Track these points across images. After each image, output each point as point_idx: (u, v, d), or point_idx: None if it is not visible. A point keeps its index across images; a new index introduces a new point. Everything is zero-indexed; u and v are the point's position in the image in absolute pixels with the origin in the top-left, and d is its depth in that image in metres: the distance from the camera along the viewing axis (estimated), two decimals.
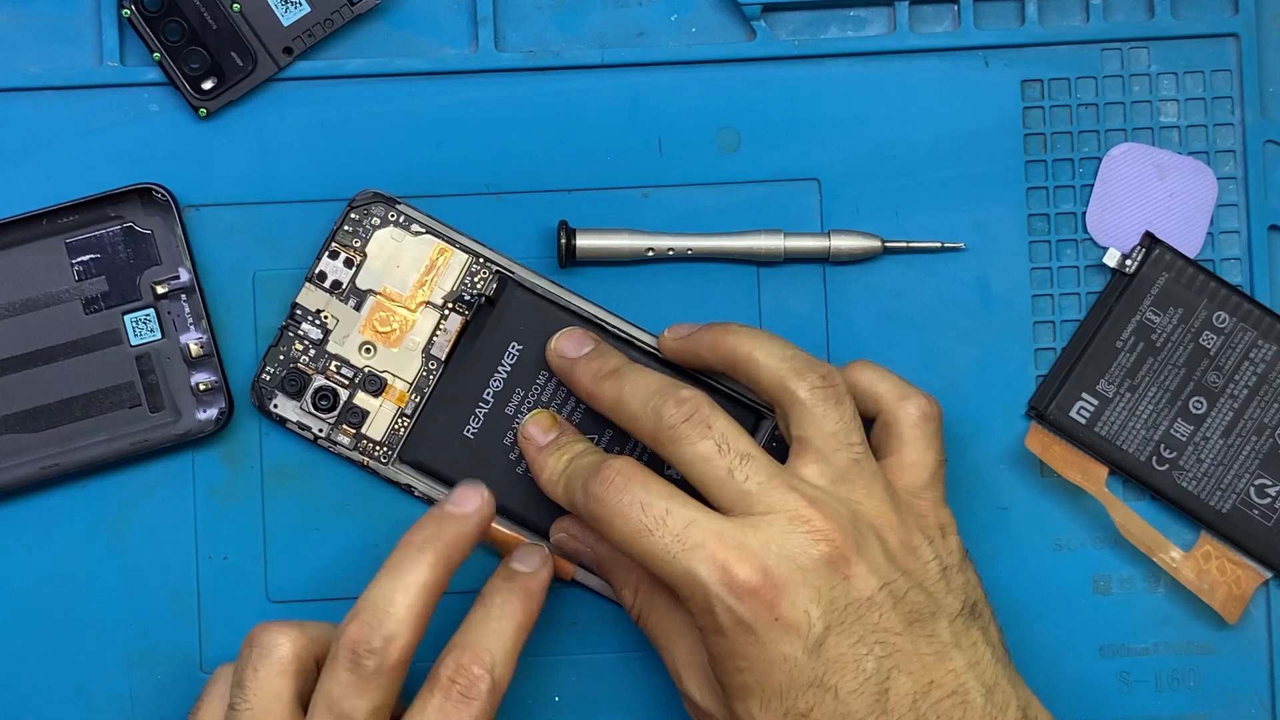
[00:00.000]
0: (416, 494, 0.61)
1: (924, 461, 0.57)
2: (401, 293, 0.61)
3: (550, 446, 0.58)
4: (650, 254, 0.61)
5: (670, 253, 0.61)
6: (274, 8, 0.61)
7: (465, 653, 0.54)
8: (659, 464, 0.60)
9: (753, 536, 0.53)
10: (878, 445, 0.58)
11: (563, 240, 0.61)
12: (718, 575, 0.52)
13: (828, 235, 0.61)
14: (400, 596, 0.53)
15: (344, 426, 0.61)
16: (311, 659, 0.55)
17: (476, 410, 0.60)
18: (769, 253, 0.61)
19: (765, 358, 0.56)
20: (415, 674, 0.54)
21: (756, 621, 0.52)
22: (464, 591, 0.57)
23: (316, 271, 0.61)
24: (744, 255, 0.62)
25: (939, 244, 0.62)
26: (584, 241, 0.61)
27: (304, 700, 0.54)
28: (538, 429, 0.59)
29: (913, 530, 0.55)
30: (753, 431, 0.61)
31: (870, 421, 0.58)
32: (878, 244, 0.61)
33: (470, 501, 0.56)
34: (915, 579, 0.54)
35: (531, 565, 0.57)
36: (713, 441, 0.54)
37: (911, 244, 0.62)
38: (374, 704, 0.53)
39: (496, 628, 0.55)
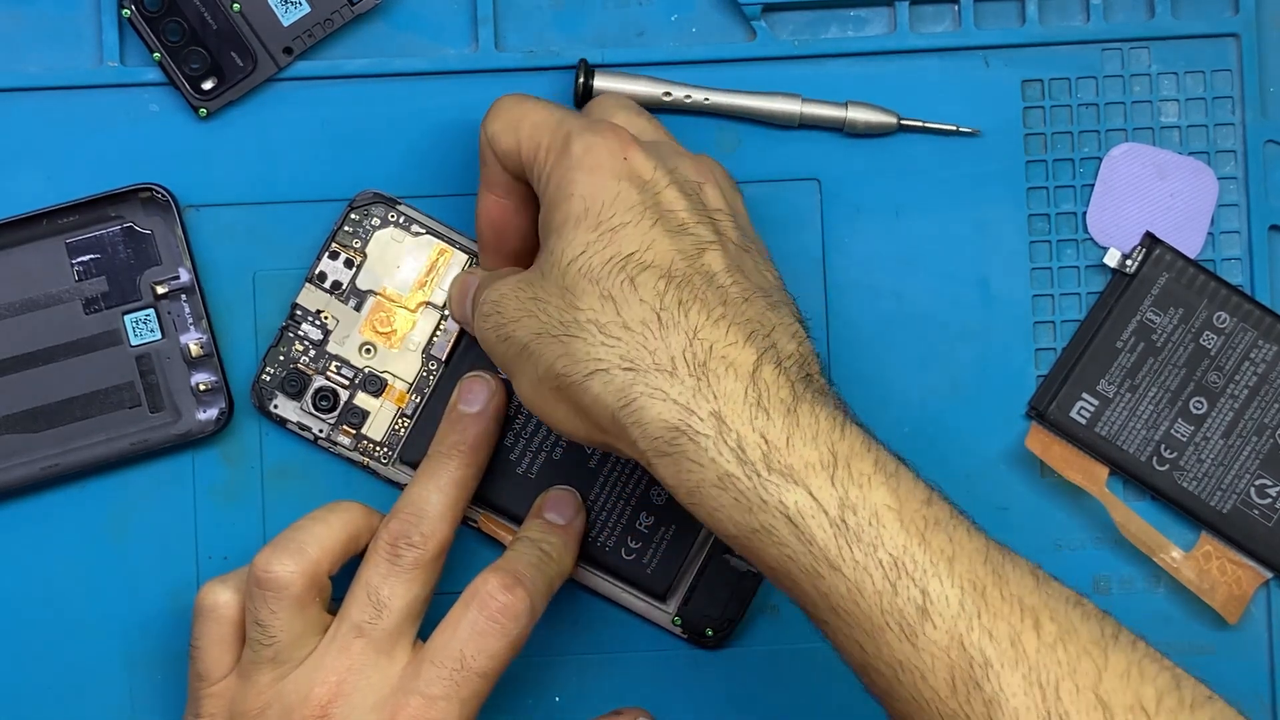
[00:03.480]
0: None
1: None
2: (401, 293, 0.61)
3: None
4: (667, 98, 0.61)
5: (687, 99, 0.61)
6: (274, 8, 0.61)
7: (506, 575, 0.55)
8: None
9: (627, 124, 0.56)
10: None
11: (580, 79, 0.61)
12: (583, 121, 0.54)
13: (845, 105, 0.62)
14: (435, 495, 0.57)
15: (344, 427, 0.61)
16: (325, 575, 0.56)
17: None
18: (785, 116, 0.61)
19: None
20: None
21: (608, 151, 0.53)
22: (455, 592, 0.56)
23: (316, 272, 0.61)
24: (760, 116, 0.62)
25: (954, 126, 0.62)
26: (602, 82, 0.61)
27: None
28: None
29: None
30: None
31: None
32: (893, 120, 0.61)
33: (479, 396, 0.59)
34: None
35: (567, 516, 0.59)
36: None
37: (927, 124, 0.62)
38: (410, 594, 0.55)
39: (538, 557, 0.57)
